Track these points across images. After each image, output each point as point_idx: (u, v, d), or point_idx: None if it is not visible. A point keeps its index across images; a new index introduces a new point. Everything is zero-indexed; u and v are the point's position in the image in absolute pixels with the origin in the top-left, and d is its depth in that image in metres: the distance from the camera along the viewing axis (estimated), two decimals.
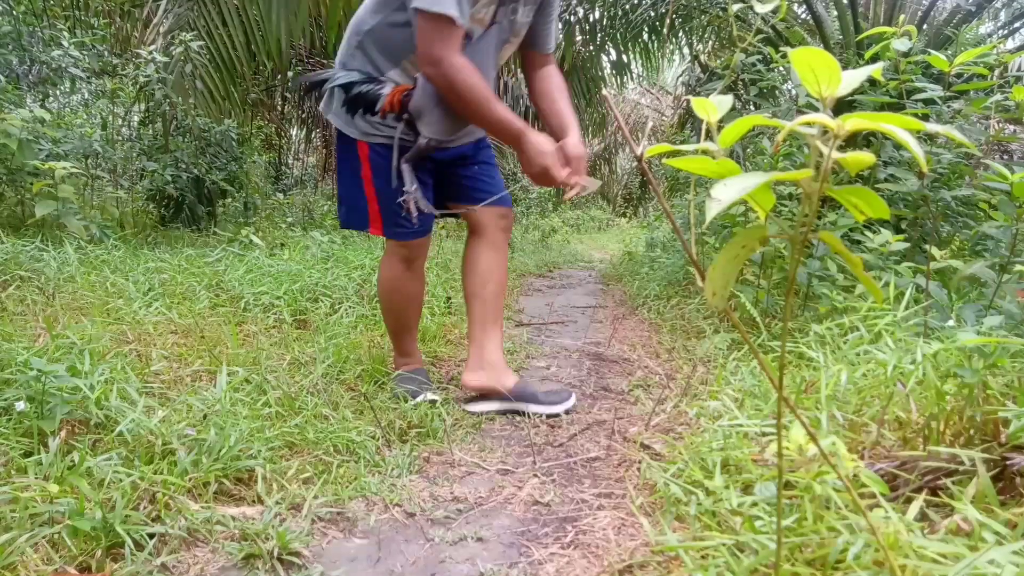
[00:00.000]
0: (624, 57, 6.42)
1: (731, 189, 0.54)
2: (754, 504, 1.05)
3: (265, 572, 1.06)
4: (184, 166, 4.33)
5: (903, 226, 2.50)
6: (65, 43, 4.14)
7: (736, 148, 3.02)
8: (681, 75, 10.57)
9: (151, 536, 1.08)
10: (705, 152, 0.62)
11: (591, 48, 6.31)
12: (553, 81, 1.91)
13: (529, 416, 1.81)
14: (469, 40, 1.67)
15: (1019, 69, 4.74)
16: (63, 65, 4.07)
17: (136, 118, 5.15)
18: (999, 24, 4.97)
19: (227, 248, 3.40)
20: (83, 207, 3.88)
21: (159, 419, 1.36)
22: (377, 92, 1.69)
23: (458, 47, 1.58)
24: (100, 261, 2.82)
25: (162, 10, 4.44)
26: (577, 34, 6.08)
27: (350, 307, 2.63)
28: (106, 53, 5.15)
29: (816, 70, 0.58)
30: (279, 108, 7.74)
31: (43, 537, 1.02)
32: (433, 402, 1.80)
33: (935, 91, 2.05)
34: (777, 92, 3.34)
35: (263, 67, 5.98)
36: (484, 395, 1.86)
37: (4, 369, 1.40)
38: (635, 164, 13.15)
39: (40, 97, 4.47)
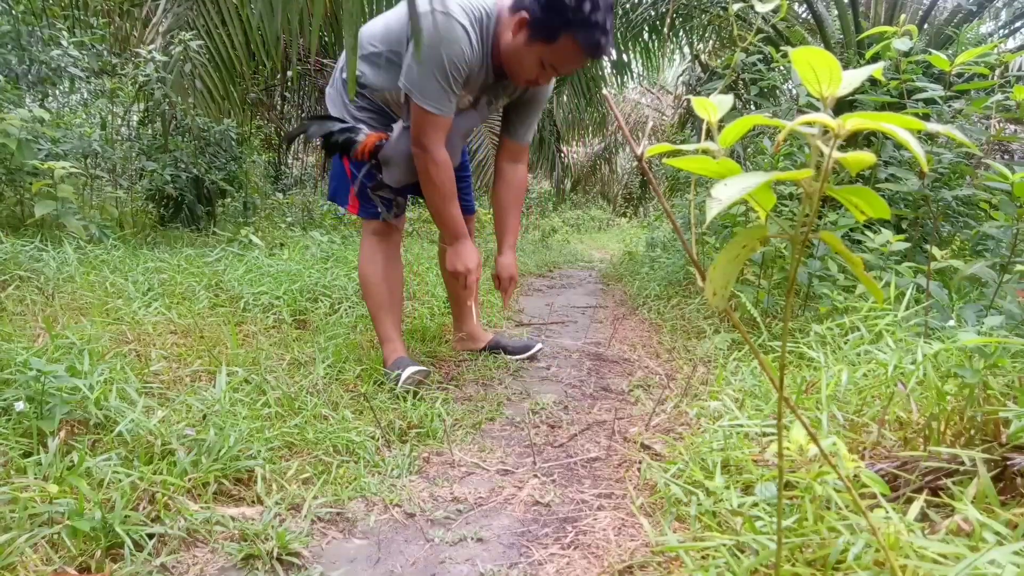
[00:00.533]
0: (624, 56, 6.41)
1: (731, 189, 0.54)
2: (754, 504, 1.05)
3: (264, 572, 1.06)
4: (183, 166, 4.32)
5: (904, 226, 2.50)
6: (64, 43, 4.13)
7: (736, 148, 3.02)
8: (681, 75, 10.56)
9: (150, 536, 1.08)
10: (705, 152, 0.62)
11: None
12: (512, 192, 2.18)
13: (506, 360, 2.28)
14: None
15: (1020, 69, 4.74)
16: (62, 65, 4.06)
17: (135, 118, 5.14)
18: (1000, 24, 4.97)
19: (226, 248, 3.40)
20: (82, 207, 3.88)
21: (158, 419, 1.36)
22: (353, 139, 1.93)
23: (443, 139, 1.84)
24: (99, 261, 2.81)
25: (161, 9, 4.43)
26: None
27: (350, 307, 2.63)
28: (105, 53, 5.14)
29: (817, 69, 0.58)
30: (279, 108, 7.73)
31: (42, 537, 1.02)
32: (420, 373, 1.89)
33: (936, 91, 2.05)
34: (778, 91, 3.34)
35: (262, 67, 5.97)
36: (470, 350, 2.39)
37: (4, 369, 1.40)
38: (635, 164, 13.15)
39: (39, 97, 4.46)
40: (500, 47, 1.82)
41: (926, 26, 3.93)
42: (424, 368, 1.94)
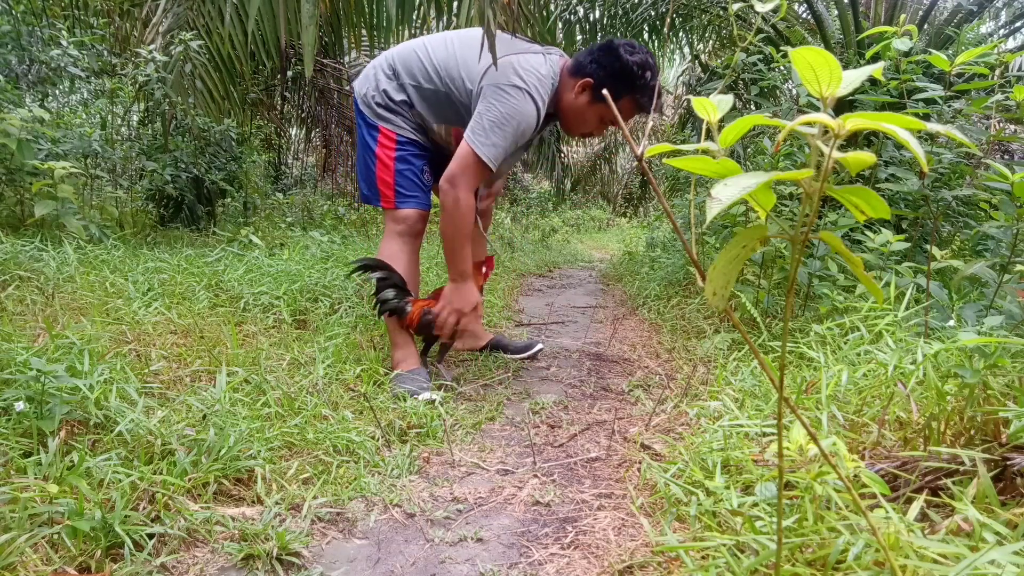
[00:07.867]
0: None
1: (732, 189, 0.54)
2: (754, 504, 1.05)
3: (264, 572, 1.06)
4: (183, 166, 4.32)
5: (904, 226, 2.50)
6: (64, 42, 4.12)
7: (737, 148, 3.02)
8: (681, 75, 10.55)
9: (150, 536, 1.08)
10: (706, 152, 0.62)
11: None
12: (484, 221, 2.33)
13: (506, 360, 2.27)
14: None
15: (1020, 69, 4.74)
16: (62, 65, 4.06)
17: (135, 118, 5.14)
18: (1000, 23, 4.97)
19: (226, 248, 3.40)
20: (82, 207, 3.87)
21: (158, 419, 1.36)
22: (404, 308, 2.01)
23: (476, 188, 1.91)
24: (99, 261, 2.81)
25: (161, 9, 4.43)
26: (577, 34, 6.06)
27: (350, 307, 2.63)
28: (105, 52, 5.13)
29: (817, 69, 0.58)
30: (279, 108, 7.73)
31: (43, 537, 1.02)
32: (432, 402, 1.81)
33: (936, 91, 2.05)
34: (778, 91, 3.33)
35: (262, 67, 5.96)
36: (470, 350, 2.40)
37: (4, 369, 1.40)
38: (635, 164, 13.14)
39: (39, 97, 4.46)
40: (560, 103, 1.99)
41: (926, 26, 3.93)
42: (436, 398, 1.86)
